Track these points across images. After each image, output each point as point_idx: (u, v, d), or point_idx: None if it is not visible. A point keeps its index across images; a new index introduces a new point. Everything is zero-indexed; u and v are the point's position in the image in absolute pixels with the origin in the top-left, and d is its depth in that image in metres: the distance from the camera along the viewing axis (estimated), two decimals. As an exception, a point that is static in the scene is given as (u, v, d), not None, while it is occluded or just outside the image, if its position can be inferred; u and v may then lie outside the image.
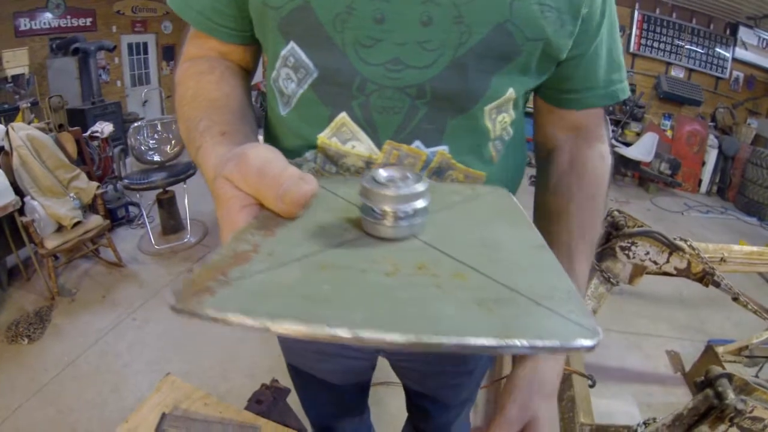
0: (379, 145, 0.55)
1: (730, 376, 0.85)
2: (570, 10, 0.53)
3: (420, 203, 0.32)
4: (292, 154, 0.60)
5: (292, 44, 0.54)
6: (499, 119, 0.58)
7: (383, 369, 0.96)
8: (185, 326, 2.54)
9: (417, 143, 0.55)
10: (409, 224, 0.31)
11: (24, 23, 5.16)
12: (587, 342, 0.24)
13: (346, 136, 0.55)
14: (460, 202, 0.44)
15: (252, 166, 0.36)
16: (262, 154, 0.36)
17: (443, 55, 0.50)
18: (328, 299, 0.25)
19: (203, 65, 0.62)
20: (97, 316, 2.59)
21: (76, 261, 3.06)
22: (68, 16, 5.56)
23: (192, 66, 0.62)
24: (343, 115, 0.54)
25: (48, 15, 5.35)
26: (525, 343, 0.23)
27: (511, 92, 0.56)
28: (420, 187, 0.32)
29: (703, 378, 0.85)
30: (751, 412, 0.83)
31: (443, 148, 0.55)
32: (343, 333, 0.22)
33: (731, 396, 0.82)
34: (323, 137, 0.56)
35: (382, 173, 0.33)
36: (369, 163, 0.56)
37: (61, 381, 2.13)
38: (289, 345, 0.90)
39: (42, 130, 2.86)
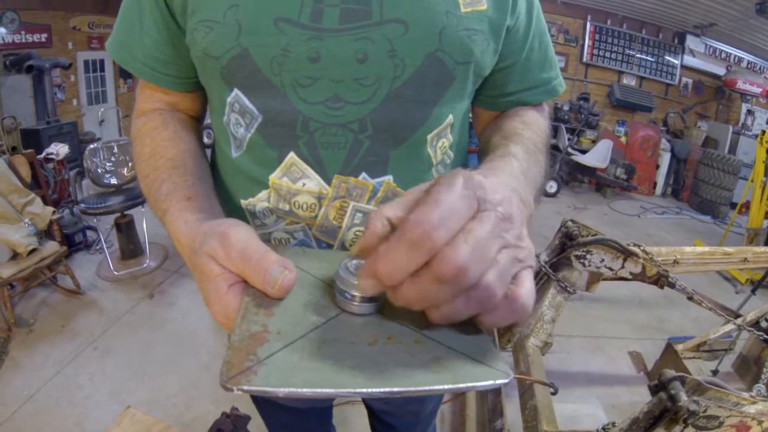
0: (327, 180, 0.57)
1: (683, 379, 0.88)
2: (492, 30, 0.56)
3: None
4: (245, 194, 0.62)
5: (235, 91, 0.55)
6: (440, 145, 0.61)
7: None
8: (147, 355, 2.48)
9: (363, 175, 0.57)
10: (373, 304, 0.40)
11: (-24, 37, 4.93)
12: (502, 380, 0.34)
13: (296, 175, 0.57)
14: None
15: (235, 247, 0.39)
16: (242, 235, 0.40)
17: (380, 88, 0.53)
18: (336, 369, 0.33)
19: (157, 120, 0.63)
20: (56, 347, 2.48)
21: (33, 289, 2.93)
22: (23, 32, 5.33)
23: (146, 122, 0.64)
24: (291, 155, 0.56)
25: (1, 30, 5.12)
26: (463, 386, 0.34)
27: (450, 118, 0.60)
28: None
29: (657, 382, 0.89)
30: (704, 412, 0.87)
31: (388, 178, 0.58)
32: (357, 389, 0.32)
33: (684, 398, 0.85)
34: (274, 178, 0.58)
35: (351, 265, 0.40)
36: (320, 198, 0.58)
37: (22, 416, 2.03)
38: None
39: (-7, 153, 2.75)
